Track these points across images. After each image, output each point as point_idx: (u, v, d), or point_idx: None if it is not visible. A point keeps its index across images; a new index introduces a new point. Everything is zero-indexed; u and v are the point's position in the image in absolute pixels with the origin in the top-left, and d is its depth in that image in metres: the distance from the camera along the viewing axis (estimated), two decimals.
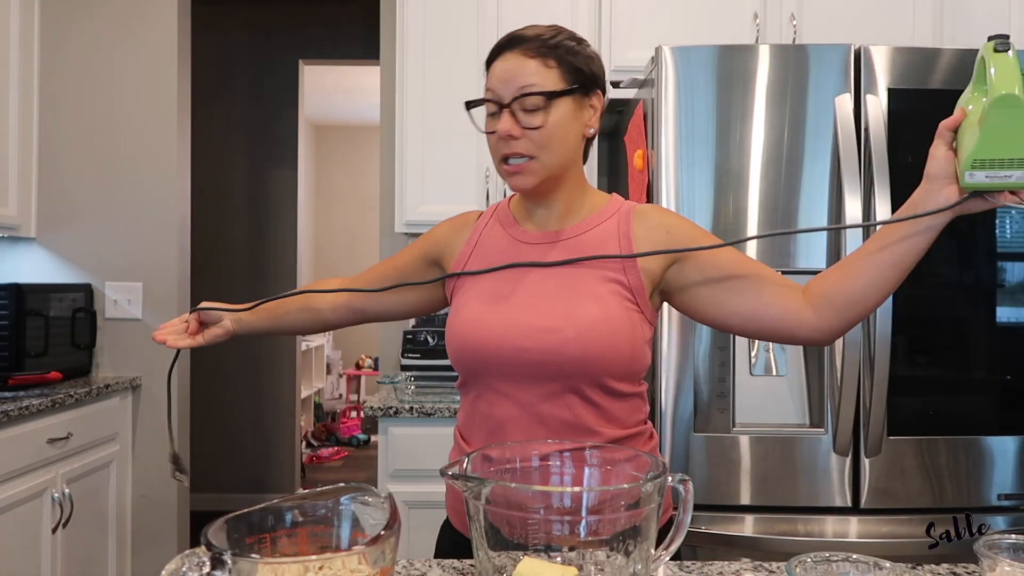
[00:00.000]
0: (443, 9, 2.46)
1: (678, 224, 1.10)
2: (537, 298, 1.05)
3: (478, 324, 1.06)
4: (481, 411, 1.08)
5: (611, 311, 1.02)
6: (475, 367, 1.07)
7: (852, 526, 1.76)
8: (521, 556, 0.69)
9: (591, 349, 1.00)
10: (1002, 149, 0.82)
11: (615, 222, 1.10)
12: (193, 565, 0.57)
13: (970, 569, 0.91)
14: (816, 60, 1.78)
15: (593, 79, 1.08)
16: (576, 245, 1.08)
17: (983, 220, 1.79)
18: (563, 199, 1.10)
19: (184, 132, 2.78)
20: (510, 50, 1.05)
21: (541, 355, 1.01)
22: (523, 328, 1.02)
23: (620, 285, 1.05)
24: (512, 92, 1.03)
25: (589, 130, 1.08)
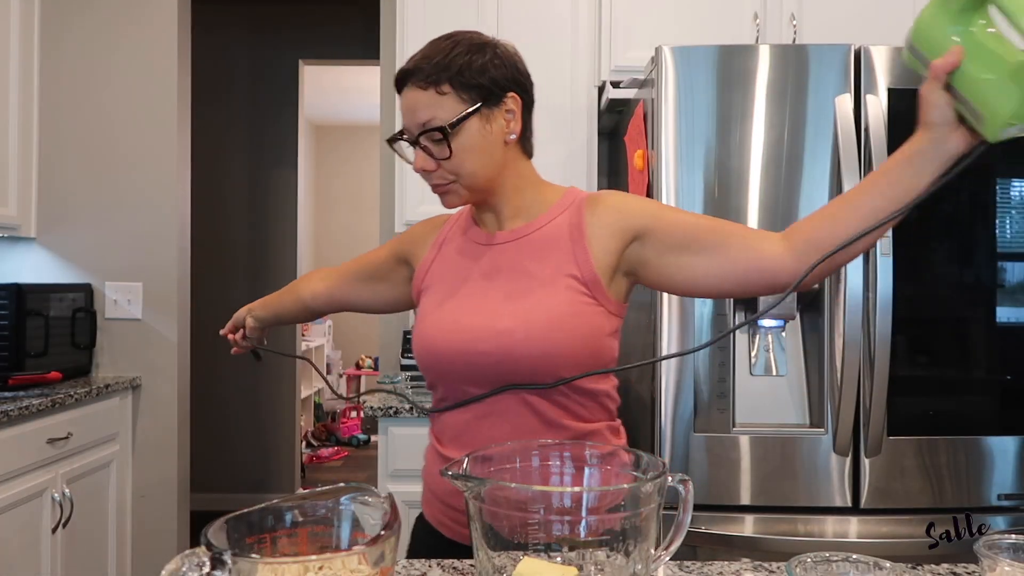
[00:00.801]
0: (443, 9, 2.46)
1: (627, 202, 1.08)
2: (489, 300, 1.05)
3: (434, 329, 1.07)
4: (448, 414, 1.09)
5: (563, 308, 1.02)
6: (435, 371, 1.08)
7: (852, 526, 1.76)
8: (521, 556, 0.69)
9: (543, 348, 1.00)
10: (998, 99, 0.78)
11: (567, 216, 1.09)
12: (193, 565, 0.57)
13: (970, 569, 0.91)
14: (816, 60, 1.78)
15: (498, 86, 1.03)
16: (528, 245, 1.08)
17: (983, 220, 1.79)
18: (506, 202, 1.10)
19: (184, 132, 2.78)
20: (405, 84, 1.03)
21: (494, 357, 1.01)
22: (475, 331, 1.03)
23: (574, 279, 1.04)
24: (416, 127, 1.02)
25: (509, 136, 1.05)
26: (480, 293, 1.07)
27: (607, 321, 1.05)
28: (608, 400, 1.10)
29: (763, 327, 1.81)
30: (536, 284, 1.04)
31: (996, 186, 1.79)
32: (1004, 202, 1.80)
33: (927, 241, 1.78)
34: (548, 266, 1.05)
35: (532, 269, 1.06)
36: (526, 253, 1.07)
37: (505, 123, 1.05)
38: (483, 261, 1.10)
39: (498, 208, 1.11)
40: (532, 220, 1.10)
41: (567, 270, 1.04)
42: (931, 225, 1.78)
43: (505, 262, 1.08)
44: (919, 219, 1.78)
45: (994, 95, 0.80)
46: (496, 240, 1.11)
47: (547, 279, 1.04)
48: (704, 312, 1.78)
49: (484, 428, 1.04)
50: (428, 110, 1.01)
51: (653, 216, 1.05)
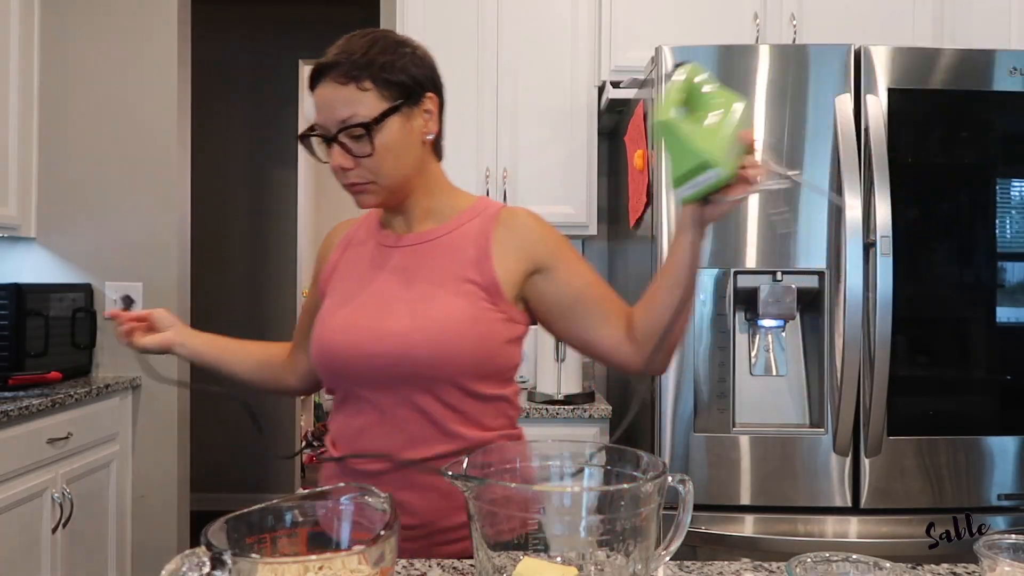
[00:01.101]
0: (443, 9, 2.46)
1: (544, 233, 1.08)
2: (387, 301, 1.04)
3: (331, 330, 1.05)
4: (343, 418, 1.07)
5: (462, 312, 1.01)
6: (332, 374, 1.06)
7: (852, 526, 1.76)
8: (521, 556, 0.69)
9: (439, 351, 0.99)
10: (686, 163, 0.92)
11: (478, 224, 1.08)
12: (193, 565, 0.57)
13: (970, 569, 0.91)
14: (816, 60, 1.78)
15: (418, 85, 1.03)
16: (433, 248, 1.07)
17: (983, 220, 1.79)
18: (418, 205, 1.09)
19: (184, 132, 2.78)
20: (324, 78, 1.00)
21: (390, 359, 1.00)
22: (371, 333, 1.02)
23: (475, 285, 1.03)
24: (335, 124, 1.00)
25: (427, 136, 1.05)
26: (381, 295, 1.05)
27: (507, 328, 1.04)
28: (509, 407, 1.09)
29: (763, 327, 1.81)
30: (437, 288, 1.03)
31: (996, 186, 1.79)
32: (1004, 202, 1.80)
33: (927, 241, 1.78)
34: (450, 271, 1.04)
35: (434, 273, 1.05)
36: (430, 257, 1.06)
37: (424, 122, 1.04)
38: (387, 263, 1.08)
39: (408, 210, 1.09)
40: (440, 224, 1.09)
41: (468, 275, 1.04)
42: (931, 225, 1.78)
43: (409, 264, 1.07)
44: (919, 219, 1.78)
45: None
46: (402, 242, 1.09)
47: (448, 283, 1.03)
48: (704, 312, 1.78)
49: (378, 435, 1.02)
50: (349, 106, 0.98)
51: (558, 259, 1.07)
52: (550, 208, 2.44)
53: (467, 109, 2.45)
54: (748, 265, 1.78)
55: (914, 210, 1.78)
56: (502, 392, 1.07)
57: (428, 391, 1.01)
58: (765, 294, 1.76)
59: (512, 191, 2.43)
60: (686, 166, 0.92)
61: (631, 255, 2.21)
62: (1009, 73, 1.79)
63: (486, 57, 2.46)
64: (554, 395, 2.23)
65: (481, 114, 2.45)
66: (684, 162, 0.92)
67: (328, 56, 1.01)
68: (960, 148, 1.79)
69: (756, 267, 1.78)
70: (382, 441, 1.02)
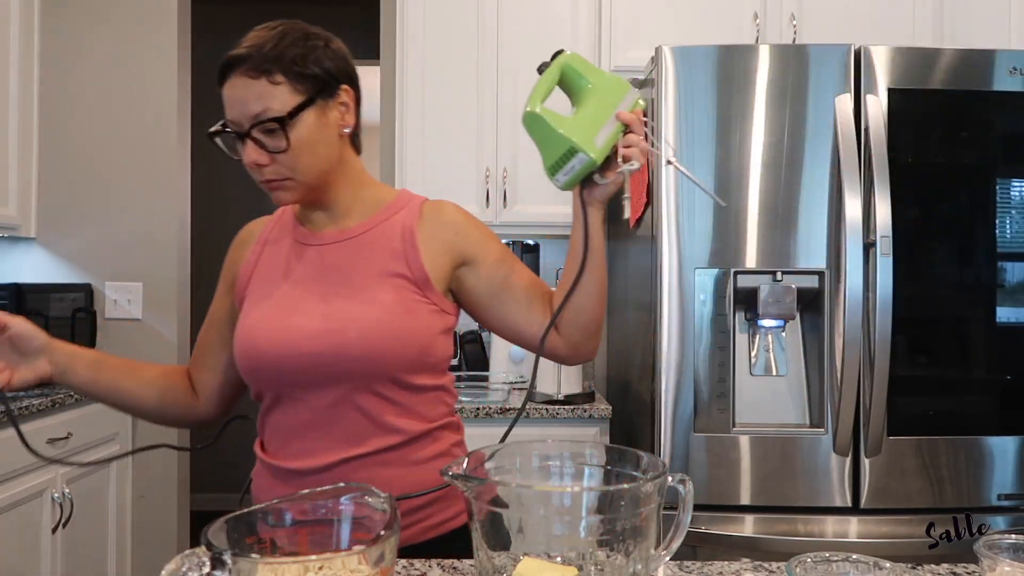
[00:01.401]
0: (443, 9, 2.46)
1: (469, 226, 1.08)
2: (316, 300, 1.02)
3: (259, 333, 1.01)
4: (275, 421, 1.04)
5: (394, 306, 1.00)
6: (263, 377, 1.02)
7: (852, 526, 1.76)
8: (521, 556, 0.69)
9: (376, 347, 0.98)
10: (555, 151, 0.96)
11: (402, 217, 1.07)
12: (193, 565, 0.57)
13: (970, 569, 0.91)
14: (816, 60, 1.78)
15: (332, 78, 1.01)
16: (359, 244, 1.05)
17: (983, 220, 1.79)
18: (338, 200, 1.07)
19: (184, 132, 2.78)
20: (233, 72, 0.96)
21: (326, 358, 0.98)
22: (304, 333, 0.99)
23: (404, 279, 1.02)
24: (247, 119, 0.96)
25: (344, 129, 1.03)
26: (309, 294, 1.03)
27: (439, 319, 1.04)
28: (447, 395, 1.09)
29: (763, 327, 1.81)
30: (367, 283, 1.02)
31: (996, 186, 1.79)
32: (1004, 202, 1.80)
33: (927, 241, 1.78)
34: (379, 265, 1.03)
35: (363, 268, 1.03)
36: (357, 252, 1.04)
37: (340, 116, 1.02)
38: (311, 261, 1.06)
39: (329, 205, 1.07)
40: (365, 219, 1.07)
41: (397, 269, 1.03)
42: (931, 225, 1.78)
43: (336, 261, 1.04)
44: (919, 219, 1.78)
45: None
46: (326, 239, 1.06)
47: (378, 278, 1.02)
48: (704, 312, 1.78)
49: (314, 434, 1.00)
50: (261, 101, 0.95)
51: (484, 250, 1.07)
52: (550, 208, 2.44)
53: (467, 109, 2.45)
54: (748, 265, 1.78)
55: (914, 210, 1.78)
56: (439, 382, 1.06)
57: (365, 387, 0.99)
58: (765, 294, 1.76)
59: (512, 191, 2.43)
60: (554, 155, 0.95)
61: (631, 255, 2.21)
62: (1009, 73, 1.79)
63: (486, 57, 2.45)
64: (554, 395, 2.23)
65: (481, 114, 2.45)
66: (552, 151, 0.96)
67: (237, 49, 0.97)
68: (960, 148, 1.79)
69: (756, 267, 1.78)
70: (320, 440, 1.00)
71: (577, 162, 0.95)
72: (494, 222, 2.44)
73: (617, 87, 0.99)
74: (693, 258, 1.78)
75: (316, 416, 1.00)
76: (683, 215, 1.79)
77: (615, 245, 2.58)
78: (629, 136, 0.97)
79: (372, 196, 1.09)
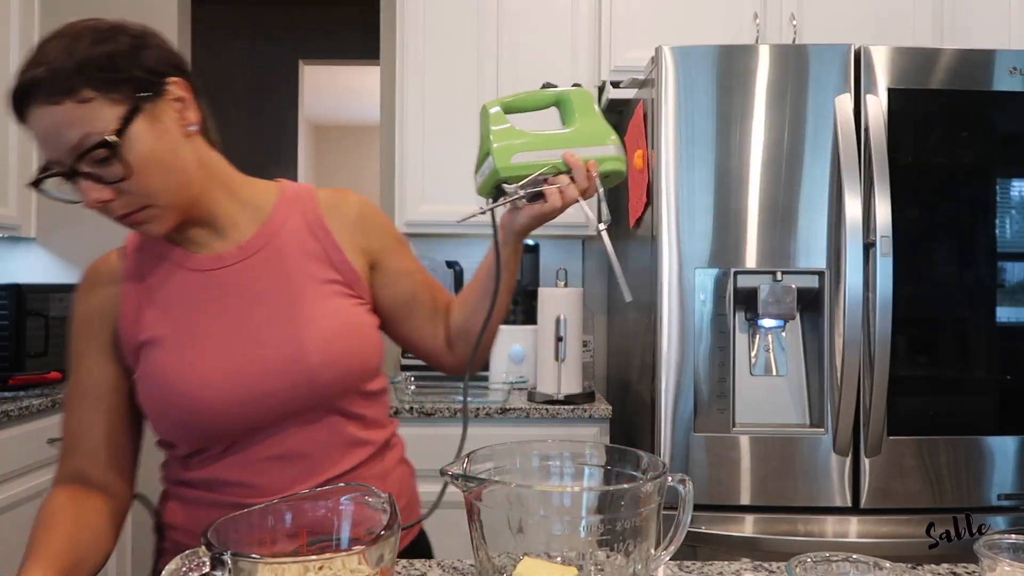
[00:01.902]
0: (443, 9, 2.46)
1: (380, 221, 1.00)
2: (252, 330, 0.88)
3: (196, 385, 0.85)
4: (228, 464, 0.88)
5: (340, 314, 0.91)
6: (212, 433, 0.86)
7: (852, 526, 1.76)
8: (521, 556, 0.69)
9: (341, 365, 0.89)
10: (481, 148, 0.94)
11: (301, 213, 0.95)
12: (193, 565, 0.57)
13: (970, 569, 0.91)
14: (816, 60, 1.78)
15: (154, 73, 0.83)
16: (267, 256, 0.92)
17: (983, 220, 1.79)
18: (217, 211, 0.92)
19: None
20: (32, 103, 0.77)
21: (293, 391, 0.87)
22: (258, 369, 0.86)
23: (336, 283, 0.93)
24: (68, 154, 0.78)
25: (189, 127, 0.87)
26: (240, 325, 0.88)
27: (375, 318, 0.99)
28: (387, 395, 1.03)
29: (763, 327, 1.81)
30: (300, 298, 0.90)
31: (996, 186, 1.79)
32: (1004, 202, 1.80)
33: (927, 241, 1.78)
34: (302, 274, 0.91)
35: (287, 283, 0.91)
36: (270, 267, 0.91)
37: (178, 114, 0.85)
38: (221, 287, 0.90)
39: (209, 220, 0.91)
40: (259, 226, 0.93)
41: (326, 275, 0.93)
42: (931, 225, 1.78)
43: (250, 282, 0.90)
44: (919, 219, 1.78)
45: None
46: (226, 260, 0.91)
47: (312, 290, 0.91)
48: (704, 312, 1.78)
49: (280, 468, 0.88)
50: (75, 127, 0.77)
51: (395, 251, 1.01)
52: None
53: (467, 109, 2.45)
54: (748, 265, 1.78)
55: (914, 210, 1.78)
56: (384, 384, 1.01)
57: (331, 408, 0.91)
58: (765, 294, 1.76)
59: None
60: (480, 151, 0.95)
61: (631, 255, 2.21)
62: (1009, 73, 1.79)
63: (486, 57, 2.46)
64: (554, 395, 2.23)
65: None
66: (481, 147, 0.95)
67: (26, 73, 0.77)
68: (960, 148, 1.79)
69: (756, 267, 1.78)
70: (289, 472, 0.88)
71: (487, 167, 0.93)
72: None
73: (598, 132, 0.97)
74: (693, 258, 1.78)
75: (283, 450, 0.89)
76: (683, 215, 1.79)
77: (615, 245, 2.57)
78: (561, 177, 0.93)
79: (254, 197, 0.95)
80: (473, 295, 1.02)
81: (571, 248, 2.80)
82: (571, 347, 2.25)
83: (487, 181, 0.94)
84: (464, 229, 2.46)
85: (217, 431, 0.87)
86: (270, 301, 0.90)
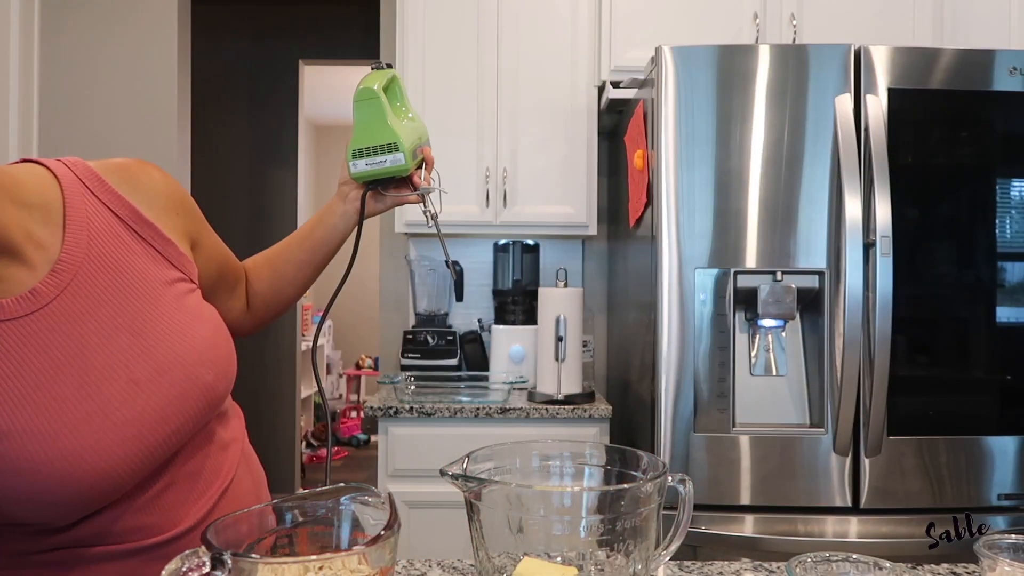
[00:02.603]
0: (443, 9, 2.46)
1: (185, 195, 0.85)
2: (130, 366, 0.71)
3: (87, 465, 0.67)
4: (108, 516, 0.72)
5: (205, 316, 0.80)
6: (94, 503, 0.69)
7: (852, 526, 1.76)
8: (521, 556, 0.69)
9: (228, 371, 0.81)
10: (373, 138, 0.94)
11: (94, 202, 0.74)
12: (193, 565, 0.57)
13: (970, 569, 0.91)
14: (816, 60, 1.78)
15: None
16: (99, 266, 0.72)
17: (983, 220, 1.79)
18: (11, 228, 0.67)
19: (184, 132, 2.78)
20: None
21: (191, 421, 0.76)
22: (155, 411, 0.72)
23: (182, 281, 0.79)
24: None
25: None
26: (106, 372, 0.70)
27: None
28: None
29: (763, 327, 1.81)
30: (160, 314, 0.74)
31: (996, 186, 1.79)
32: (1004, 202, 1.80)
33: (927, 241, 1.78)
34: (147, 284, 0.75)
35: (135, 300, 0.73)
36: (104, 285, 0.72)
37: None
38: (49, 334, 0.68)
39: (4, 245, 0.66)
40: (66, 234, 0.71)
41: (168, 275, 0.78)
42: (931, 225, 1.78)
43: (88, 314, 0.70)
44: (919, 219, 1.78)
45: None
46: (44, 296, 0.68)
47: (162, 300, 0.75)
48: (704, 312, 1.78)
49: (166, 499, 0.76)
50: None
51: (205, 227, 0.88)
52: (550, 208, 2.44)
53: (467, 109, 2.45)
54: (748, 265, 1.78)
55: (914, 210, 1.78)
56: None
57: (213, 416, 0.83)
58: (765, 294, 1.76)
59: (512, 191, 2.43)
60: (370, 140, 0.95)
61: (631, 255, 2.21)
62: (1009, 73, 1.79)
63: (486, 57, 2.46)
64: (554, 395, 2.23)
65: (481, 114, 2.45)
66: (374, 135, 0.94)
67: None
68: (960, 148, 1.79)
69: (756, 267, 1.78)
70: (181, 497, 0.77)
71: (391, 160, 0.96)
72: (494, 222, 2.44)
73: (422, 129, 1.03)
74: (693, 258, 1.78)
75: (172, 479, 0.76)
76: (683, 215, 1.79)
77: (615, 245, 2.58)
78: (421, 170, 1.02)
79: (34, 195, 0.70)
80: (290, 267, 1.03)
81: (571, 248, 2.80)
82: (571, 347, 2.25)
83: (383, 171, 0.97)
84: (464, 229, 2.46)
85: (110, 497, 0.70)
86: (122, 329, 0.72)
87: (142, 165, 0.81)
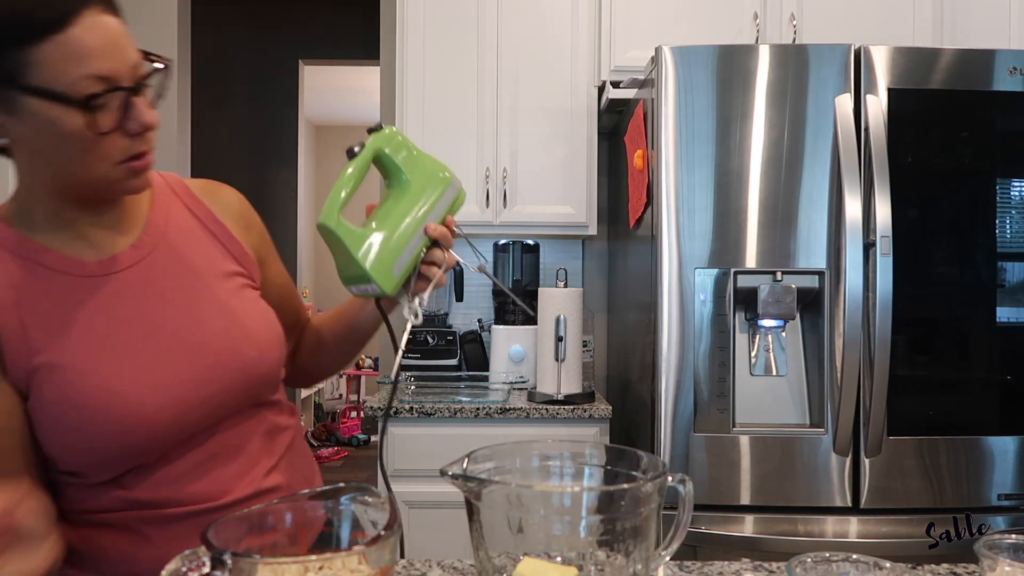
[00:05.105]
0: (443, 9, 2.46)
1: (256, 219, 0.97)
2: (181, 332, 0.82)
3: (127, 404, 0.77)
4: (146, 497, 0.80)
5: (259, 307, 0.90)
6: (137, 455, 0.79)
7: (852, 526, 1.76)
8: (521, 556, 0.69)
9: (272, 357, 0.88)
10: (348, 268, 0.85)
11: (179, 203, 0.89)
12: (193, 565, 0.57)
13: (970, 569, 0.91)
14: (816, 60, 1.78)
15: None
16: (172, 249, 0.86)
17: (983, 220, 1.79)
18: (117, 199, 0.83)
19: (184, 132, 2.78)
20: (87, 11, 0.71)
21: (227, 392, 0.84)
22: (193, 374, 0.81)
23: (242, 276, 0.91)
24: (130, 71, 0.74)
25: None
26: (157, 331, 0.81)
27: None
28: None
29: (763, 327, 1.81)
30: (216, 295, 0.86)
31: (996, 186, 1.79)
32: (1004, 202, 1.80)
33: (927, 241, 1.78)
34: (211, 271, 0.87)
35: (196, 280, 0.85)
36: (173, 264, 0.85)
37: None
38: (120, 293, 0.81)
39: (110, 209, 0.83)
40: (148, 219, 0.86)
41: (231, 268, 0.89)
42: (931, 225, 1.78)
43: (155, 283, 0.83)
44: (919, 219, 1.78)
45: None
46: (122, 262, 0.82)
47: (221, 285, 0.87)
48: (704, 312, 1.78)
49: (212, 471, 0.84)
50: (132, 46, 0.75)
51: (271, 251, 0.99)
52: (550, 208, 2.44)
53: (467, 109, 2.45)
54: (748, 265, 1.78)
55: (914, 210, 1.78)
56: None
57: (257, 401, 0.90)
58: (765, 294, 1.76)
59: (512, 191, 2.43)
60: (347, 271, 0.86)
61: (631, 255, 2.21)
62: (1009, 73, 1.79)
63: (486, 57, 2.46)
64: (554, 395, 2.23)
65: (481, 114, 2.45)
66: (346, 266, 0.86)
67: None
68: (960, 148, 1.79)
69: (756, 267, 1.78)
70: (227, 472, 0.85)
71: (370, 289, 0.86)
72: (494, 222, 2.44)
73: (435, 181, 0.89)
74: (693, 258, 1.78)
75: (215, 450, 0.85)
76: (683, 215, 1.79)
77: (615, 245, 2.58)
78: (433, 252, 0.89)
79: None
80: (336, 341, 1.05)
81: (571, 248, 2.80)
82: (571, 347, 2.25)
83: (370, 296, 0.89)
84: (464, 229, 2.46)
85: (150, 448, 0.79)
86: (182, 301, 0.84)
87: (220, 185, 0.95)
